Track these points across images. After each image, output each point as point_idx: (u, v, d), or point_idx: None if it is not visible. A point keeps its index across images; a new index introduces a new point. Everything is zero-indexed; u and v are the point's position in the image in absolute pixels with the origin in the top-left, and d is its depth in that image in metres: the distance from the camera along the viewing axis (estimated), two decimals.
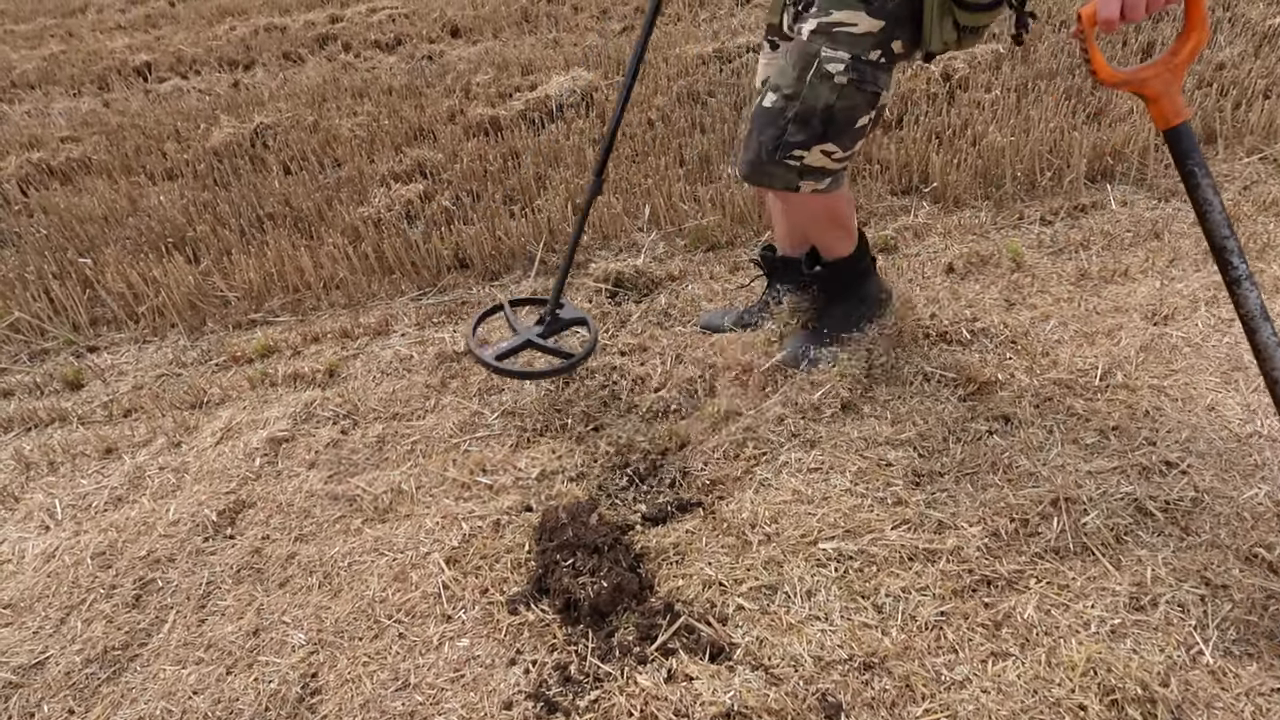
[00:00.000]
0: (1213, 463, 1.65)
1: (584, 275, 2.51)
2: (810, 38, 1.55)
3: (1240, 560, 1.46)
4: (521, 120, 3.57)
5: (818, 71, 1.55)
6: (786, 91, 1.60)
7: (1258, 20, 3.65)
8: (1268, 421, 1.74)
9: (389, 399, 2.09)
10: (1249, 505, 1.55)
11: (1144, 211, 2.56)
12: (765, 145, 1.64)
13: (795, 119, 1.60)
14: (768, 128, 1.63)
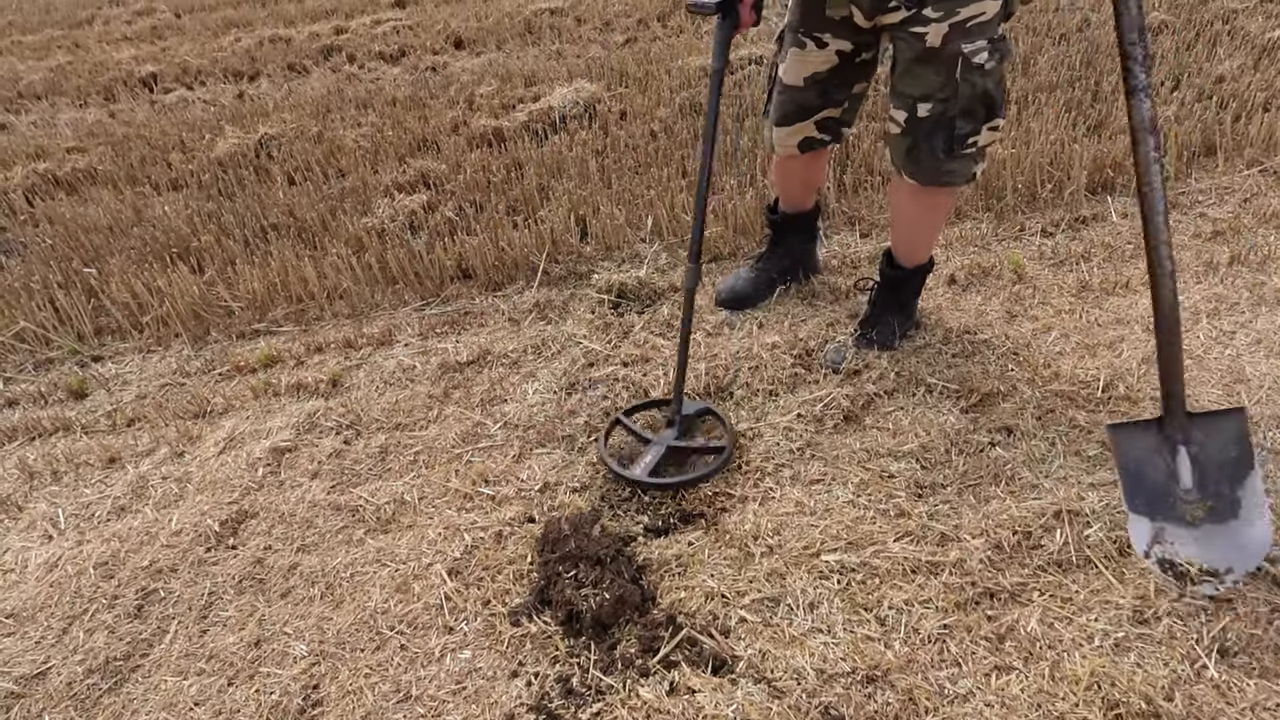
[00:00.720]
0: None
1: (586, 286, 2.52)
2: (945, 42, 1.61)
3: (1244, 573, 1.46)
4: (525, 131, 3.59)
5: (966, 67, 1.63)
6: (941, 96, 1.67)
7: (1257, 33, 3.67)
8: (1270, 434, 1.74)
9: (392, 409, 2.09)
10: None
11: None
12: (939, 148, 1.72)
13: (961, 114, 1.68)
14: (936, 132, 1.71)
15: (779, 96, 1.92)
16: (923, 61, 1.65)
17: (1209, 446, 1.46)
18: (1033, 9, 4.42)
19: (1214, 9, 4.07)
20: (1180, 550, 1.45)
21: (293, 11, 6.61)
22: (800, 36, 1.81)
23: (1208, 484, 1.45)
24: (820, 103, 1.90)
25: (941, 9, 1.59)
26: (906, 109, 1.71)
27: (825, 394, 1.96)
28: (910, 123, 1.72)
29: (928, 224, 1.96)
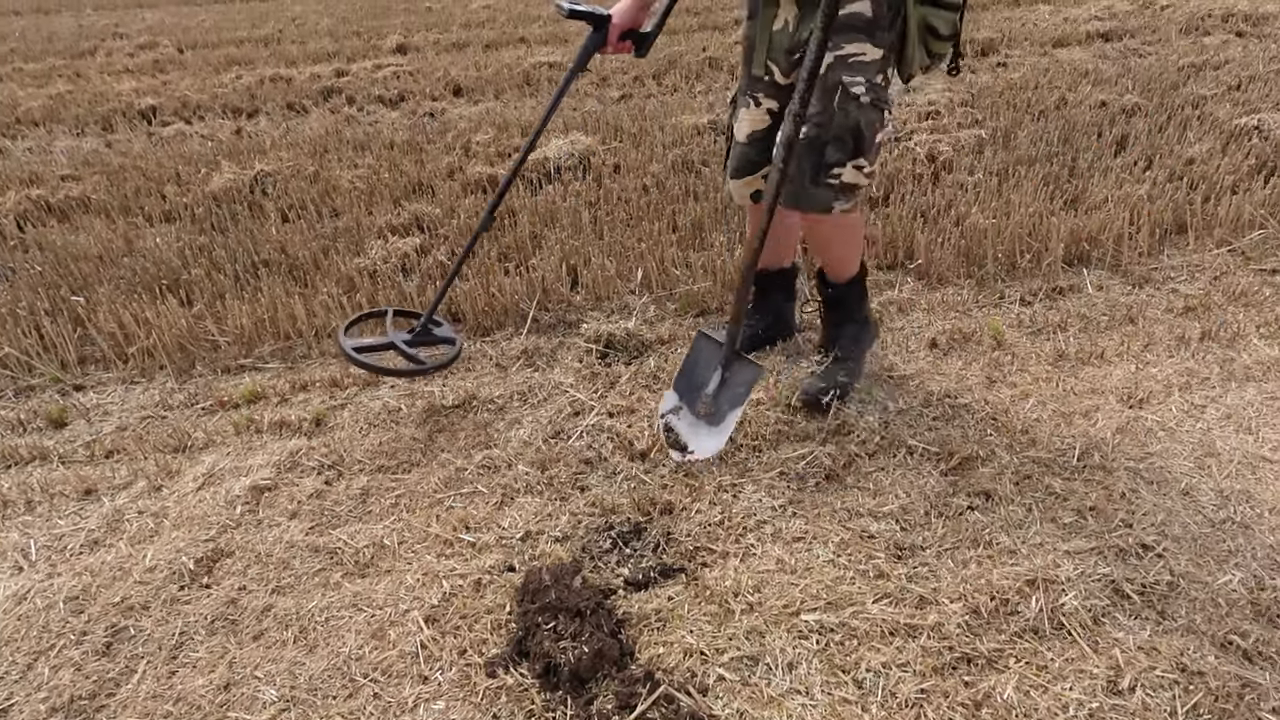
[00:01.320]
0: (1188, 547, 1.68)
1: (575, 335, 2.54)
2: (827, 71, 1.76)
3: (1215, 647, 1.47)
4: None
5: (844, 96, 1.77)
6: (818, 120, 1.79)
7: (1225, 119, 3.83)
8: (1240, 508, 1.78)
9: (375, 451, 2.09)
10: (1223, 591, 1.58)
11: (1119, 296, 2.64)
12: (807, 172, 1.83)
13: (832, 140, 1.80)
14: (808, 155, 1.82)
15: (733, 151, 2.09)
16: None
17: (733, 380, 1.96)
18: (1012, 86, 4.60)
19: (1184, 94, 4.25)
20: (678, 425, 2.00)
21: (295, 52, 6.73)
22: (745, 96, 1.99)
23: (720, 400, 1.96)
24: (761, 159, 2.03)
25: (830, 43, 1.73)
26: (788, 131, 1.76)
27: (808, 451, 1.98)
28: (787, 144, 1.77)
29: (837, 244, 2.08)
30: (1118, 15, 6.24)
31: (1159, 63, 4.95)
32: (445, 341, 2.34)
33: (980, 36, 5.83)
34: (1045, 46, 5.64)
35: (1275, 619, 1.53)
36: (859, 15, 1.74)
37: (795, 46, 1.84)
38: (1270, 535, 1.70)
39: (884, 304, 2.65)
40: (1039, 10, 6.67)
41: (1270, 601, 1.56)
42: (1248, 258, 2.80)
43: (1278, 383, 2.18)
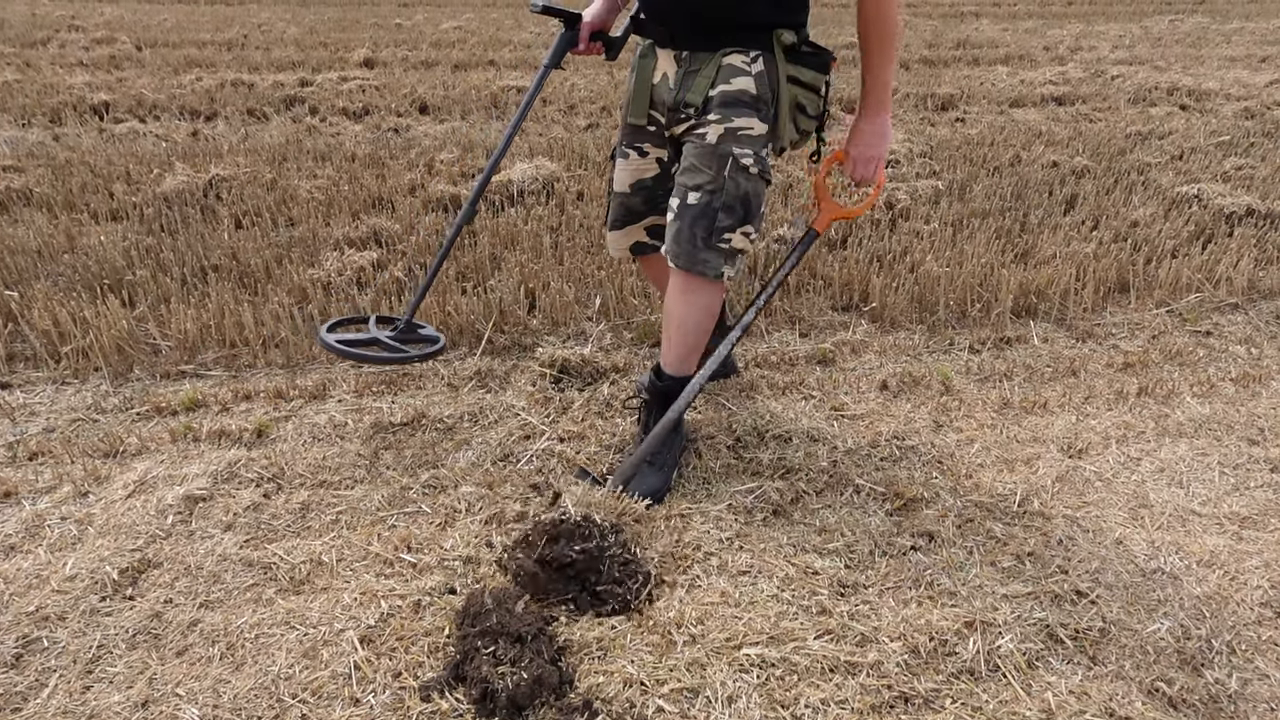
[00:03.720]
0: (1120, 595, 1.72)
1: (529, 359, 2.53)
2: (719, 141, 1.81)
3: (1143, 693, 1.51)
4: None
5: (734, 167, 1.81)
6: (710, 187, 1.82)
7: (1168, 186, 4.03)
8: (1170, 559, 1.83)
9: (318, 466, 2.03)
10: (1152, 639, 1.62)
11: (1063, 349, 2.73)
12: (700, 234, 1.85)
13: (723, 207, 1.83)
14: (700, 220, 1.84)
15: (612, 203, 2.09)
16: (699, 156, 1.84)
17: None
18: (969, 141, 4.77)
19: (1131, 160, 4.46)
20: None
21: (258, 59, 6.65)
22: (624, 148, 2.00)
23: None
24: (646, 209, 2.05)
25: (719, 114, 1.82)
26: (680, 197, 1.87)
27: (757, 485, 1.99)
28: (680, 208, 1.85)
29: (693, 326, 1.95)
30: (1071, 81, 6.54)
31: (1108, 129, 5.20)
32: (428, 340, 2.33)
33: (941, 92, 6.05)
34: (1002, 105, 5.88)
35: (1199, 667, 1.57)
36: (745, 92, 1.81)
37: (678, 106, 1.85)
38: (1197, 586, 1.76)
39: (838, 344, 2.69)
40: (997, 71, 6.97)
41: (1195, 650, 1.60)
42: (1184, 319, 2.92)
43: (1208, 439, 2.27)
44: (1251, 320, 2.92)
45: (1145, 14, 10.29)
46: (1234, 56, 7.80)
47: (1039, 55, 7.59)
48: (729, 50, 1.81)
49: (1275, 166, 4.36)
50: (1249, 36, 8.88)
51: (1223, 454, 2.20)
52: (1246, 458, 2.19)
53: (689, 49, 1.84)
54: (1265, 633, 1.65)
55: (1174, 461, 2.17)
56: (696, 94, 1.82)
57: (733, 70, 1.81)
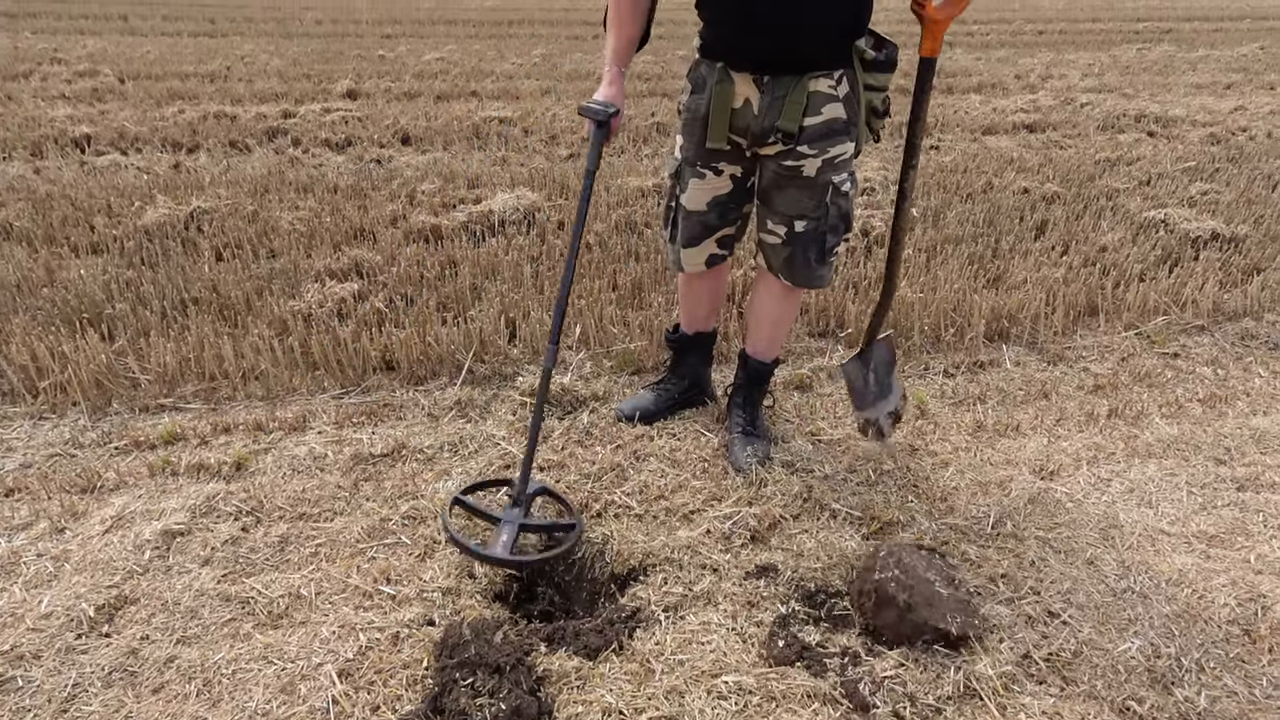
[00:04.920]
0: (1091, 615, 1.75)
1: (510, 388, 2.54)
2: (818, 174, 1.93)
3: (1115, 712, 1.53)
4: (463, 231, 3.68)
5: (835, 194, 1.97)
6: (815, 215, 1.99)
7: (1135, 212, 4.12)
8: (1140, 579, 1.86)
9: (297, 498, 2.03)
10: (1123, 659, 1.65)
11: (1035, 373, 2.78)
12: (814, 257, 2.04)
13: (829, 230, 2.01)
14: (811, 245, 2.02)
15: (685, 222, 2.12)
16: (800, 188, 1.96)
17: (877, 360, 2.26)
18: (943, 168, 4.87)
19: (1100, 186, 4.57)
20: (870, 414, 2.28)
21: (241, 91, 6.69)
22: (699, 169, 2.03)
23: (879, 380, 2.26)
24: (719, 223, 2.11)
25: (816, 148, 1.90)
26: (785, 225, 2.02)
27: (735, 512, 2.01)
28: (789, 236, 2.02)
29: (788, 321, 2.28)
30: (1041, 109, 6.69)
31: (1077, 155, 5.32)
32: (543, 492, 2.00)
33: None
34: (975, 134, 6.00)
35: (1169, 686, 1.59)
36: (836, 120, 1.90)
37: (766, 131, 1.89)
38: (1166, 605, 1.79)
39: (815, 370, 2.73)
40: (970, 99, 7.11)
41: (1165, 669, 1.63)
42: (1152, 341, 2.98)
43: (1176, 460, 2.32)
44: (1217, 342, 2.99)
45: (1114, 43, 10.56)
46: (1200, 84, 8.01)
47: (1011, 84, 7.76)
48: (814, 74, 1.85)
49: (1239, 191, 4.48)
50: (1214, 64, 9.13)
51: (1190, 474, 2.25)
52: (1214, 477, 2.24)
53: (772, 74, 1.86)
54: (1233, 650, 1.68)
55: (1143, 482, 2.21)
56: (790, 121, 1.86)
57: (822, 98, 1.86)
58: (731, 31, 1.86)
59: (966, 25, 11.84)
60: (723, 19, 1.87)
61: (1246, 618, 1.76)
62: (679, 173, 2.08)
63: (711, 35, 1.92)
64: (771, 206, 2.03)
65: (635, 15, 1.93)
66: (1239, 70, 8.76)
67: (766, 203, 2.04)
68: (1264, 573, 1.89)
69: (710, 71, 1.92)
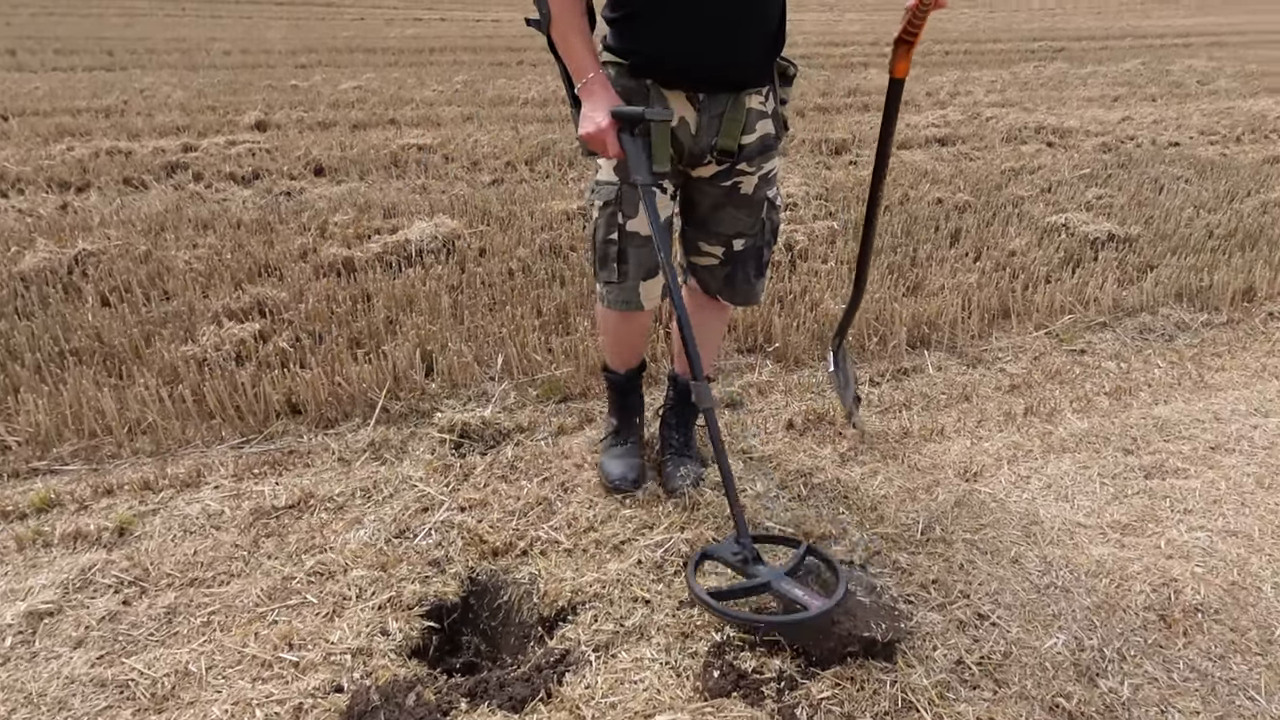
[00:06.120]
0: (1018, 614, 1.74)
1: (428, 425, 2.42)
2: (755, 190, 1.91)
3: (1045, 711, 1.52)
4: (377, 262, 3.54)
5: (770, 209, 1.97)
6: (752, 232, 1.96)
7: (1039, 217, 4.25)
8: (1061, 573, 1.87)
9: (188, 562, 1.87)
10: (1050, 655, 1.64)
11: (956, 376, 2.80)
12: (753, 273, 2.01)
13: (765, 244, 1.99)
14: (750, 261, 1.99)
15: (639, 251, 1.88)
16: (739, 206, 1.93)
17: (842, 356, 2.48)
18: (862, 182, 4.95)
19: (1006, 195, 4.71)
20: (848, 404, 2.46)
21: (139, 125, 6.37)
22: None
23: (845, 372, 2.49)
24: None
25: (754, 165, 1.88)
26: (723, 245, 1.98)
27: (666, 539, 1.94)
28: (728, 255, 1.98)
29: (720, 338, 2.30)
30: (951, 124, 6.90)
31: (985, 166, 5.49)
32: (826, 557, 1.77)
33: (834, 137, 6.28)
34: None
35: (1094, 678, 1.60)
36: (769, 135, 1.87)
37: (702, 151, 1.82)
38: (1087, 597, 1.80)
39: (744, 386, 2.69)
40: None
41: (1090, 661, 1.63)
42: (1060, 340, 3.05)
43: (1088, 453, 2.35)
44: (1119, 337, 3.09)
45: (1013, 61, 11.04)
46: (1090, 97, 8.43)
47: (922, 100, 8.01)
48: (749, 91, 1.80)
49: (1130, 195, 4.68)
50: (1102, 79, 9.63)
51: (1102, 466, 2.29)
52: (1123, 467, 2.28)
53: (708, 92, 1.78)
54: (1151, 636, 1.70)
55: (1059, 476, 2.24)
56: (730, 140, 1.81)
57: (755, 115, 1.83)
58: (666, 48, 1.72)
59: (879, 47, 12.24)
60: (655, 35, 1.73)
61: (1161, 603, 1.78)
62: (620, 197, 1.84)
63: (640, 51, 1.76)
64: (707, 228, 1.96)
65: (584, 14, 1.73)
66: (1124, 84, 9.26)
67: (700, 225, 1.96)
68: (1174, 557, 1.92)
69: (638, 89, 1.77)
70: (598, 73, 1.70)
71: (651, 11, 1.71)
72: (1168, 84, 9.25)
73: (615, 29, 1.80)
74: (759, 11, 1.74)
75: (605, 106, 1.66)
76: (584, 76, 1.69)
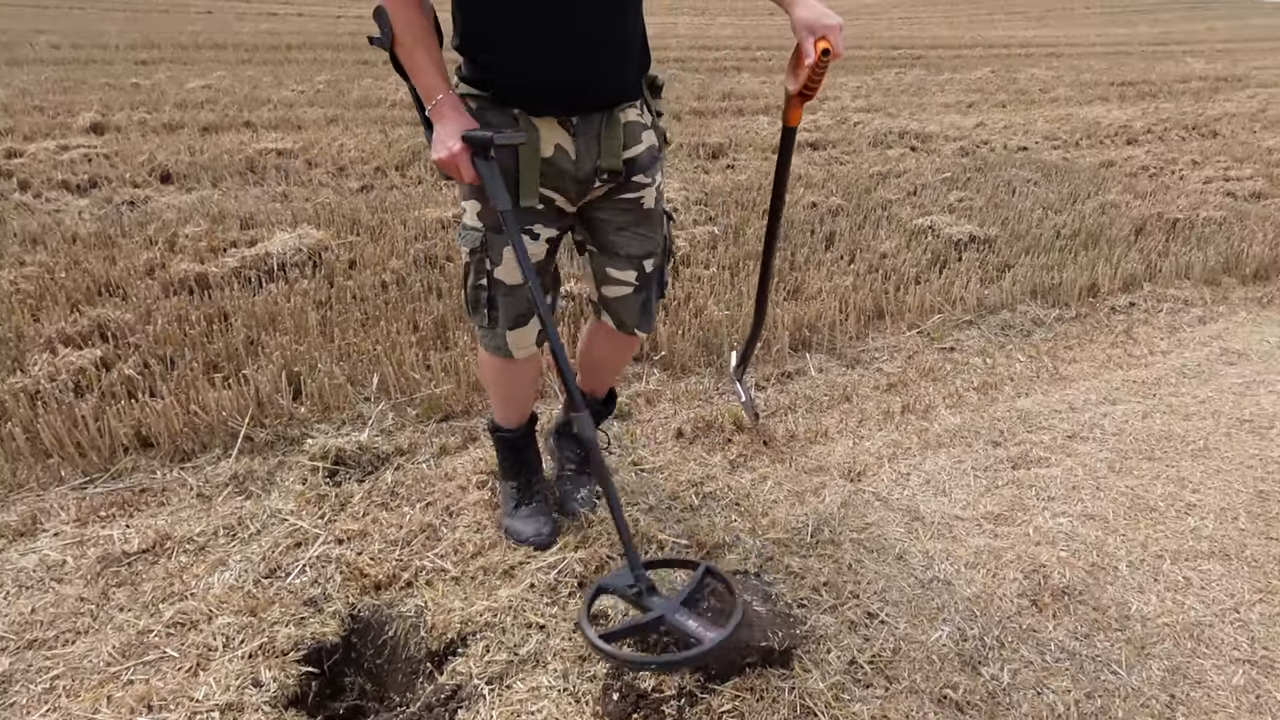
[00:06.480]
0: (905, 610, 1.80)
1: (298, 453, 2.27)
2: (655, 204, 1.84)
3: (934, 703, 1.57)
4: (235, 278, 3.30)
5: (667, 221, 1.91)
6: (658, 250, 1.88)
7: (907, 219, 4.47)
8: (943, 566, 1.95)
9: (25, 622, 1.67)
10: (936, 648, 1.70)
11: (836, 377, 2.89)
12: (656, 295, 1.94)
13: (666, 262, 1.93)
14: (655, 283, 1.92)
15: (506, 300, 1.79)
16: (643, 223, 1.82)
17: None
18: (740, 187, 5.05)
19: (876, 198, 4.92)
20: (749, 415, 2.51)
21: None
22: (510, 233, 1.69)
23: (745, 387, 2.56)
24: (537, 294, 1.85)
25: (649, 176, 1.79)
26: (635, 268, 1.86)
27: (559, 560, 1.89)
28: (641, 279, 1.87)
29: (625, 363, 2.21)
30: (821, 128, 7.17)
31: (855, 170, 5.72)
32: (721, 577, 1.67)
33: (711, 141, 6.39)
34: (766, 152, 6.30)
35: (978, 666, 1.67)
36: (653, 147, 1.80)
37: (590, 176, 1.71)
38: (967, 588, 1.88)
39: (632, 396, 2.68)
40: (759, 120, 7.50)
41: (972, 651, 1.70)
42: (931, 338, 3.21)
43: (961, 447, 2.47)
44: (984, 333, 3.28)
45: (875, 68, 11.63)
46: (948, 103, 8.98)
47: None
48: (622, 106, 1.72)
49: (988, 197, 5.00)
50: (958, 86, 10.28)
51: (974, 459, 2.41)
52: (993, 459, 2.41)
53: (580, 113, 1.67)
54: (1025, 621, 1.80)
55: (936, 472, 2.34)
56: (613, 158, 1.70)
57: (636, 128, 1.75)
58: (525, 72, 1.62)
59: (751, 51, 12.59)
60: (511, 59, 1.62)
61: (1032, 589, 1.88)
62: (485, 244, 1.74)
63: (499, 78, 1.65)
64: (616, 252, 1.82)
65: (431, 31, 1.62)
66: (977, 91, 9.92)
67: (609, 250, 1.82)
68: (1041, 544, 2.04)
69: (505, 120, 1.66)
70: (447, 94, 1.60)
71: (501, 34, 1.60)
72: (1015, 91, 9.99)
73: (468, 58, 1.69)
74: (617, 25, 1.65)
75: (457, 130, 1.58)
76: (433, 98, 1.59)
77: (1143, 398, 2.79)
